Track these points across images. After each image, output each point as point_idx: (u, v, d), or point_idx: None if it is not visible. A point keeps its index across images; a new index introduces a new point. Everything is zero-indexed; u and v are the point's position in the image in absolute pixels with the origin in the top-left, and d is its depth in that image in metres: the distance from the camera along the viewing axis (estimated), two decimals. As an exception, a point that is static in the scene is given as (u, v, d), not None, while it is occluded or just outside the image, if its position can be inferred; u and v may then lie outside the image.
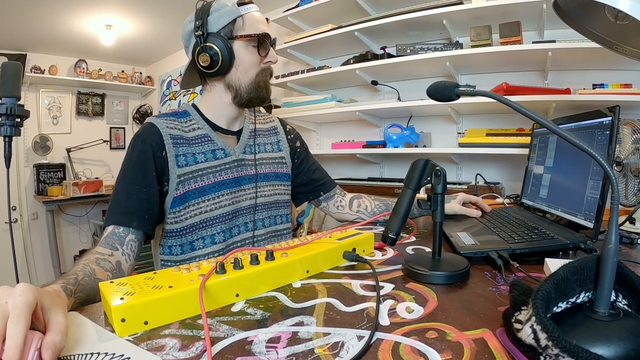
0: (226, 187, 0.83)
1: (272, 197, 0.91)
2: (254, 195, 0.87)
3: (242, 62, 0.80)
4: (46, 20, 2.66)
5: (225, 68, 0.79)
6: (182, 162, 0.79)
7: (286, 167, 0.97)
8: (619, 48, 0.67)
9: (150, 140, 0.77)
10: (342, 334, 0.40)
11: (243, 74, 0.81)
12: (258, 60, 0.81)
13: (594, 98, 1.34)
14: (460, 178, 1.90)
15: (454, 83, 0.53)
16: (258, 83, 0.82)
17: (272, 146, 0.96)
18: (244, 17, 0.79)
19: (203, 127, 0.85)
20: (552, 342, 0.30)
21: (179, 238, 0.79)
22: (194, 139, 0.83)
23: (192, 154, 0.81)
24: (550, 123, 0.40)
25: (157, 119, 0.81)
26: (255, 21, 0.80)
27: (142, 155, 0.76)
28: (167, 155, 0.78)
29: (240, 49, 0.79)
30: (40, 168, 3.24)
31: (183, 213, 0.78)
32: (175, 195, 0.78)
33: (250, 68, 0.81)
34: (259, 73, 0.82)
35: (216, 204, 0.81)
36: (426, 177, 0.58)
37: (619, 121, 0.65)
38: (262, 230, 0.89)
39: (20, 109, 0.76)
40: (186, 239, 0.79)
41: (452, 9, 1.59)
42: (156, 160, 0.77)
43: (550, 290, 0.34)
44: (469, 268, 0.56)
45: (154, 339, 0.40)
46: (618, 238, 0.35)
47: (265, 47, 0.81)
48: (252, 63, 0.81)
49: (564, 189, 0.81)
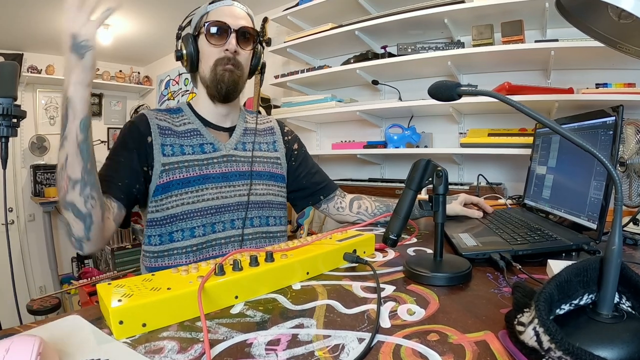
0: (212, 181, 0.83)
1: (264, 197, 0.90)
2: (244, 193, 0.86)
3: (204, 55, 0.83)
4: (43, 20, 2.65)
5: (194, 64, 0.83)
6: (168, 152, 0.81)
7: (281, 169, 0.96)
8: (622, 47, 0.67)
9: (137, 124, 0.81)
10: (342, 336, 0.39)
11: (205, 66, 0.83)
12: (214, 50, 0.82)
13: (597, 98, 1.34)
14: (462, 179, 1.90)
15: (456, 82, 0.52)
16: (215, 74, 0.82)
17: (267, 145, 0.96)
18: (209, 13, 0.82)
19: (194, 122, 0.87)
20: (555, 344, 0.29)
21: (158, 228, 0.80)
22: (183, 132, 0.85)
23: (180, 145, 0.83)
24: (553, 123, 0.40)
25: (149, 111, 0.85)
26: (220, 14, 0.82)
27: (128, 135, 0.80)
28: (152, 142, 0.80)
29: (202, 43, 0.83)
30: (37, 169, 3.21)
31: (165, 202, 0.79)
32: (159, 183, 0.79)
33: (209, 58, 0.82)
34: (214, 64, 0.82)
35: (199, 196, 0.81)
36: (427, 177, 0.58)
37: (622, 121, 0.64)
38: (250, 229, 0.87)
39: (17, 109, 0.76)
40: (165, 229, 0.80)
41: (453, 8, 1.58)
42: (141, 142, 0.80)
43: (553, 292, 0.34)
44: (470, 270, 0.56)
45: (152, 342, 0.39)
46: (622, 239, 0.34)
47: (222, 35, 0.81)
48: (209, 53, 0.82)
49: (567, 190, 0.80)
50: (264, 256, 0.53)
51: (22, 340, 0.32)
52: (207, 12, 0.83)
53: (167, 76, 3.74)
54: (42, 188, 3.20)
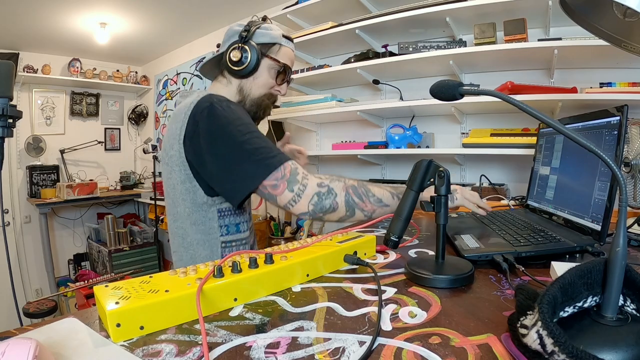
0: None
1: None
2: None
3: (260, 77, 0.90)
4: (39, 19, 2.64)
5: (246, 72, 0.87)
6: None
7: None
8: (627, 46, 0.66)
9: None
10: (343, 339, 0.39)
11: (256, 87, 0.90)
12: (272, 83, 0.91)
13: (602, 97, 1.32)
14: (464, 179, 1.89)
15: (458, 82, 0.52)
16: (261, 102, 0.91)
17: None
18: (282, 47, 0.91)
19: None
20: (558, 347, 0.29)
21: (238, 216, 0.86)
22: None
23: None
24: (556, 123, 0.40)
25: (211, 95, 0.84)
26: (288, 55, 0.92)
27: (242, 111, 0.83)
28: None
29: (264, 67, 0.89)
30: (33, 170, 3.18)
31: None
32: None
33: (263, 85, 0.91)
34: (266, 94, 0.92)
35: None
36: (429, 178, 0.58)
37: (627, 121, 0.64)
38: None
39: (12, 109, 0.76)
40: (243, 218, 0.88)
41: (455, 6, 1.57)
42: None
43: (557, 294, 0.34)
44: (473, 272, 0.55)
45: (150, 345, 0.39)
46: (626, 241, 0.34)
47: (283, 77, 0.92)
48: (266, 82, 0.91)
49: (570, 191, 0.80)
50: (263, 258, 0.53)
51: (18, 343, 0.31)
52: (281, 44, 0.90)
53: (165, 76, 3.71)
54: (38, 189, 3.16)
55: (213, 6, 2.56)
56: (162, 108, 3.72)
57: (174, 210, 0.84)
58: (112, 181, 3.78)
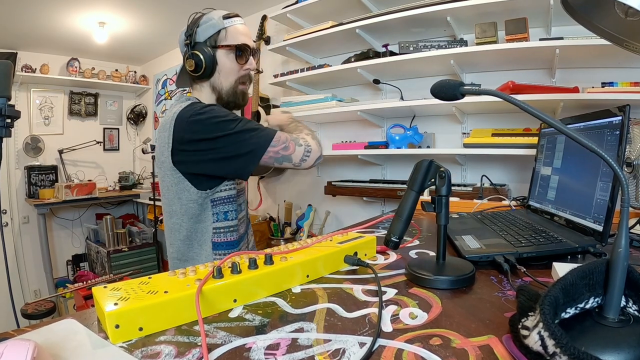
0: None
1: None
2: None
3: (224, 68, 0.91)
4: (37, 18, 2.63)
5: (208, 72, 0.90)
6: None
7: None
8: (629, 45, 0.66)
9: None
10: (343, 340, 0.39)
11: (224, 78, 0.92)
12: (237, 67, 0.92)
13: (603, 97, 1.32)
14: (465, 180, 1.88)
15: (459, 82, 0.52)
16: (235, 90, 0.94)
17: None
18: (227, 29, 0.90)
19: None
20: (560, 349, 0.29)
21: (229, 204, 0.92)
22: None
23: None
24: (558, 123, 0.40)
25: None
26: (237, 33, 0.91)
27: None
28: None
29: (222, 57, 0.91)
30: (32, 170, 3.16)
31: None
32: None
33: (230, 74, 0.92)
34: (237, 79, 0.94)
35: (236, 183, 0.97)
36: (430, 178, 0.57)
37: (629, 121, 0.63)
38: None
39: (10, 109, 0.76)
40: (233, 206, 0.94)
41: (456, 5, 1.57)
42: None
43: (558, 295, 0.34)
44: (474, 272, 0.55)
45: (149, 346, 0.39)
46: (628, 241, 0.34)
47: (244, 56, 0.92)
48: (231, 69, 0.92)
49: (572, 191, 0.79)
50: (263, 259, 0.52)
51: (16, 344, 0.31)
52: (225, 27, 0.90)
53: (164, 75, 3.68)
54: (36, 190, 3.14)
55: (212, 6, 2.56)
56: (161, 108, 3.70)
57: (169, 208, 0.91)
58: (111, 181, 3.76)
